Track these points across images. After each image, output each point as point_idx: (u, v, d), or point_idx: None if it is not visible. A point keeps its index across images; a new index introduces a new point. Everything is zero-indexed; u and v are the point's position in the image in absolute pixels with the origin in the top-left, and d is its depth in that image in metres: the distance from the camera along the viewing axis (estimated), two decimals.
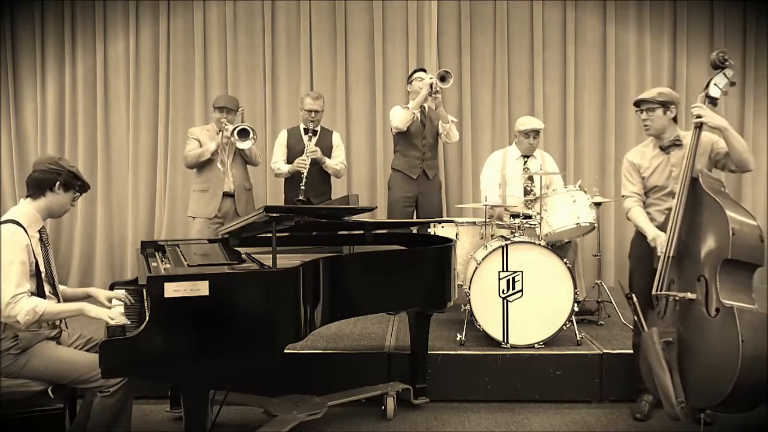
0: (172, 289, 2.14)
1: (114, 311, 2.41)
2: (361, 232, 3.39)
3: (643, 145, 3.23)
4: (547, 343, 3.48)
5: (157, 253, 3.03)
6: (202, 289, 2.17)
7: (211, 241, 3.32)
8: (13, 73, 5.49)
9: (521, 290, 3.52)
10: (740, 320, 2.43)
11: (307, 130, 4.35)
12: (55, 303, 2.43)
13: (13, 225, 2.33)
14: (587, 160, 5.49)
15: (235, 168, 4.35)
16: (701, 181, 2.74)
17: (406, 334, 3.55)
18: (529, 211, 3.94)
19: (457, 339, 3.57)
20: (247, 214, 3.46)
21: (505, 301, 3.52)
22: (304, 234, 3.41)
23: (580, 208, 3.69)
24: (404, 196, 4.45)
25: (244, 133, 4.15)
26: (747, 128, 5.47)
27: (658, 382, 2.61)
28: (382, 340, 3.69)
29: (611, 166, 5.45)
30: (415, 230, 4.33)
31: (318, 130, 4.42)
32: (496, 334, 3.49)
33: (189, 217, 4.45)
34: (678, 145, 3.05)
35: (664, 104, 3.02)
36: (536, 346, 3.47)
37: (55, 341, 2.45)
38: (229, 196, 4.32)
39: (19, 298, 2.25)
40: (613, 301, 4.22)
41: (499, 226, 3.90)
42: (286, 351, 2.42)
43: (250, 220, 2.59)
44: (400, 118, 4.34)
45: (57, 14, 5.48)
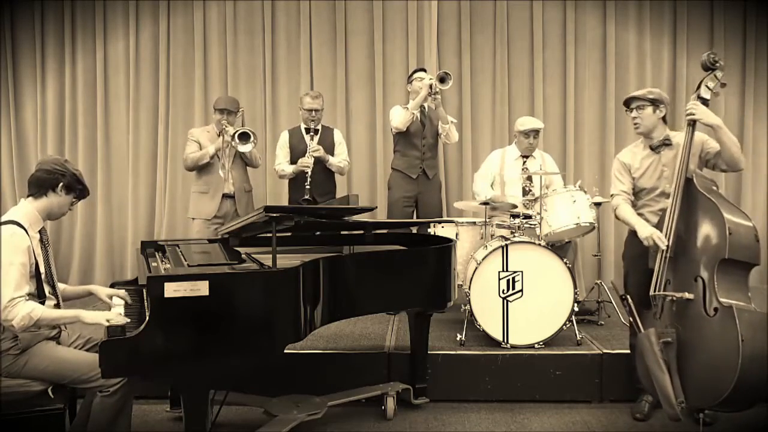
0: (172, 289, 2.14)
1: (111, 312, 2.38)
2: (361, 232, 3.40)
3: (633, 145, 3.24)
4: (547, 343, 3.49)
5: (157, 253, 3.03)
6: (202, 289, 2.17)
7: (211, 241, 3.32)
8: (13, 73, 5.49)
9: (521, 290, 3.52)
10: (740, 319, 2.43)
11: (308, 130, 4.36)
12: (52, 309, 2.41)
13: (14, 226, 2.32)
14: (587, 160, 5.49)
15: (235, 170, 4.35)
16: (695, 181, 2.75)
17: (406, 334, 3.55)
18: (529, 211, 3.94)
19: (457, 339, 3.57)
20: (247, 215, 3.46)
21: (505, 301, 3.52)
22: (304, 234, 3.41)
23: (580, 208, 3.70)
24: (404, 196, 4.44)
25: (244, 137, 4.15)
26: (747, 128, 5.46)
27: (656, 383, 2.60)
28: (382, 340, 3.69)
29: (611, 166, 5.42)
30: (415, 230, 4.33)
31: (319, 128, 4.42)
32: (496, 334, 3.49)
33: (189, 218, 4.45)
34: (668, 145, 3.06)
35: (654, 102, 3.03)
36: (536, 346, 3.47)
37: (55, 341, 2.45)
38: (229, 197, 4.32)
39: (17, 302, 2.23)
40: (613, 301, 4.23)
41: (499, 226, 3.90)
42: (286, 351, 2.42)
43: (250, 220, 2.59)
44: (399, 118, 4.33)
45: (57, 14, 5.48)
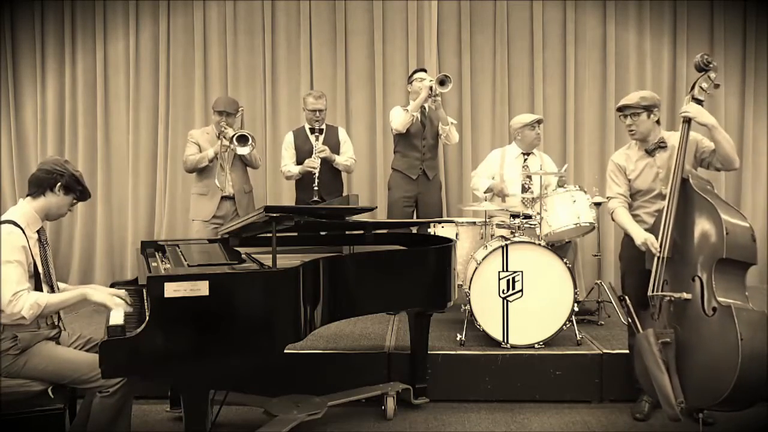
0: (172, 289, 2.14)
1: (117, 297, 2.42)
2: (361, 232, 3.40)
3: (626, 147, 3.24)
4: (547, 343, 3.49)
5: (157, 253, 3.04)
6: (202, 289, 2.17)
7: (211, 241, 3.32)
8: (13, 73, 5.49)
9: (521, 290, 3.52)
10: (738, 319, 2.43)
11: (313, 130, 4.36)
12: (57, 293, 2.44)
13: (10, 225, 2.33)
14: (587, 160, 5.49)
15: (235, 171, 4.34)
16: (691, 181, 2.75)
17: (406, 334, 3.55)
18: (529, 211, 3.94)
19: (457, 339, 3.57)
20: (247, 215, 3.46)
21: (505, 301, 3.52)
22: (304, 234, 3.41)
23: (580, 208, 3.69)
24: (404, 196, 4.44)
25: (242, 139, 4.14)
26: (747, 128, 5.46)
27: (656, 384, 2.60)
28: (382, 340, 3.69)
29: None
30: (415, 230, 4.33)
31: (323, 128, 4.42)
32: (496, 334, 3.49)
33: (190, 219, 4.45)
34: (663, 147, 3.06)
35: (648, 108, 3.03)
36: (536, 346, 3.47)
37: (55, 341, 2.45)
38: (229, 198, 4.32)
39: (20, 295, 2.25)
40: (613, 301, 4.23)
41: (499, 226, 3.90)
42: (286, 351, 2.42)
43: (250, 220, 2.59)
44: (399, 120, 4.33)
45: (57, 14, 5.48)
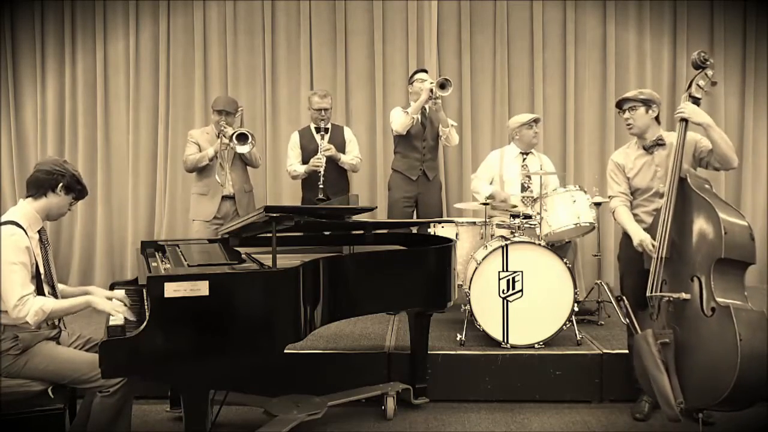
0: (172, 289, 2.14)
1: (119, 303, 2.44)
2: (361, 232, 3.40)
3: (626, 146, 3.24)
4: (547, 343, 3.49)
5: (157, 253, 3.04)
6: (202, 289, 2.17)
7: (211, 241, 3.32)
8: (13, 73, 5.48)
9: (521, 290, 3.52)
10: (737, 319, 2.43)
11: (318, 129, 4.36)
12: (63, 300, 2.44)
13: (12, 226, 2.33)
14: (587, 160, 5.48)
15: (235, 171, 4.34)
16: (689, 180, 2.74)
17: (406, 334, 3.55)
18: (529, 211, 3.94)
19: (457, 339, 3.57)
20: (247, 215, 3.46)
21: (505, 301, 3.52)
22: (305, 234, 3.41)
23: (580, 208, 3.70)
24: (404, 197, 4.44)
25: (242, 138, 4.13)
26: (747, 128, 5.46)
27: (655, 384, 2.60)
28: (382, 340, 3.69)
29: None
30: (415, 230, 4.33)
31: (329, 127, 4.41)
32: (496, 334, 3.49)
33: (190, 219, 4.45)
34: (661, 145, 3.06)
35: (646, 102, 3.04)
36: (536, 346, 3.47)
37: (55, 341, 2.46)
38: (229, 198, 4.32)
39: (26, 299, 2.26)
40: (613, 302, 4.22)
41: (499, 226, 3.90)
42: (286, 351, 2.42)
43: (250, 220, 2.59)
44: (400, 122, 4.33)
45: (57, 14, 5.47)
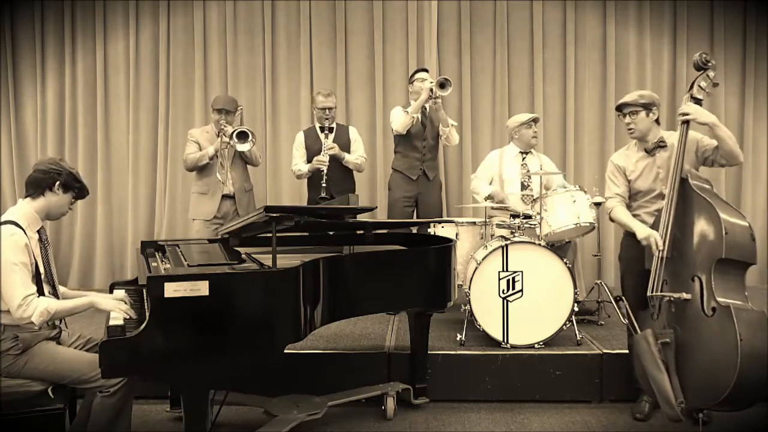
0: (172, 289, 2.14)
1: (122, 305, 2.44)
2: (361, 232, 3.39)
3: (626, 148, 3.23)
4: (547, 343, 3.49)
5: (157, 253, 3.03)
6: (202, 289, 2.17)
7: (211, 241, 3.32)
8: (13, 73, 5.49)
9: (521, 290, 3.52)
10: (737, 319, 2.43)
11: (323, 129, 4.36)
12: (66, 300, 2.45)
13: (12, 226, 2.33)
14: (587, 160, 5.49)
15: (235, 170, 4.34)
16: (690, 181, 2.74)
17: (406, 334, 3.55)
18: (529, 211, 3.94)
19: (457, 339, 3.57)
20: (247, 214, 3.46)
21: (505, 301, 3.52)
22: (305, 234, 3.41)
23: (580, 208, 3.69)
24: (404, 196, 4.44)
25: (242, 136, 4.13)
26: (747, 128, 5.46)
27: (655, 384, 2.60)
28: (382, 340, 3.69)
29: None
30: (415, 230, 4.33)
31: (334, 126, 4.41)
32: (496, 334, 3.49)
33: (190, 218, 4.45)
34: (662, 147, 3.05)
35: (646, 106, 3.03)
36: (536, 346, 3.47)
37: (55, 341, 2.46)
38: (229, 197, 4.31)
39: (30, 300, 2.26)
40: (613, 302, 4.22)
41: (499, 226, 3.90)
42: (286, 351, 2.42)
43: (250, 220, 2.59)
44: (400, 122, 4.33)
45: (57, 14, 5.48)
